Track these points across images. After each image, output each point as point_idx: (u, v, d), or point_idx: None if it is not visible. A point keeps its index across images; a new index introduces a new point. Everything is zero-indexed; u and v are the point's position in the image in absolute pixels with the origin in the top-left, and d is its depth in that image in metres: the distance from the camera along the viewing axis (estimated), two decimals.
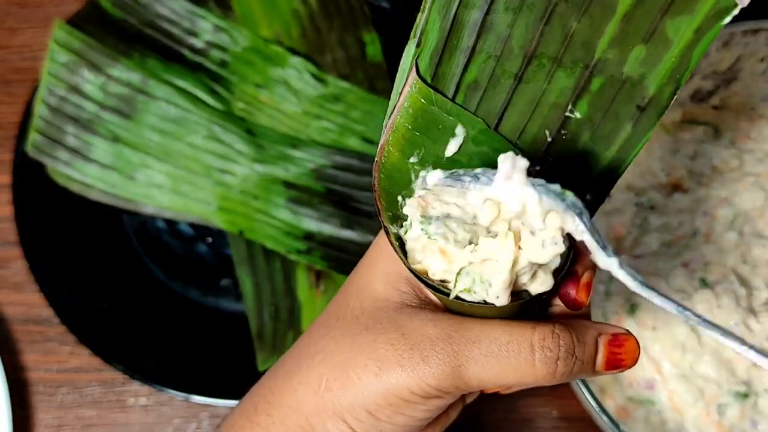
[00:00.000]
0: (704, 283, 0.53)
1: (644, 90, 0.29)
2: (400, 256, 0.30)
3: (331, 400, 0.31)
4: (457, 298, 0.29)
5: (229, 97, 0.61)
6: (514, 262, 0.28)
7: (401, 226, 0.30)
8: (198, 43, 0.62)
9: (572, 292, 0.31)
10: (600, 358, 0.31)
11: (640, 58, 0.29)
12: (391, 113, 0.30)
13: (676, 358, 0.51)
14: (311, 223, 0.58)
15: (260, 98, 0.61)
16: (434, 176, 0.29)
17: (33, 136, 0.58)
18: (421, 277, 0.29)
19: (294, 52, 0.62)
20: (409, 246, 0.30)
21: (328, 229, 0.58)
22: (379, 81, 0.62)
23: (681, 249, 0.55)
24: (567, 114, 0.30)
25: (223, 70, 0.62)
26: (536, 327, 0.30)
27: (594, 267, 0.32)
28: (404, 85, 0.30)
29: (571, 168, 0.31)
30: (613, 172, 0.31)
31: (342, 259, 0.58)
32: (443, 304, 0.32)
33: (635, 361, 0.32)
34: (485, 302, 0.29)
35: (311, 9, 0.63)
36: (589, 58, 0.29)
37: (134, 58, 0.60)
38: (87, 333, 0.57)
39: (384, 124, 0.31)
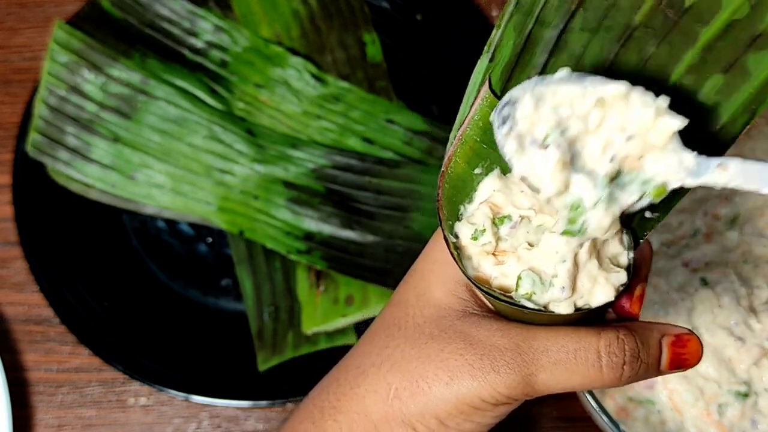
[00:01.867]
0: (705, 283, 0.53)
1: (717, 118, 0.29)
2: (459, 265, 0.30)
3: (401, 408, 0.31)
4: (518, 305, 0.29)
5: (229, 97, 0.61)
6: (576, 255, 0.28)
7: (457, 237, 0.31)
8: (198, 43, 0.62)
9: (626, 304, 0.33)
10: (664, 359, 0.32)
11: (717, 86, 0.29)
12: (461, 125, 0.31)
13: None
14: (311, 223, 0.58)
15: (260, 98, 0.61)
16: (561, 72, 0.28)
17: (33, 136, 0.58)
18: (480, 286, 0.30)
19: (294, 52, 0.62)
20: (468, 253, 0.31)
21: (328, 229, 0.58)
22: (379, 81, 0.62)
23: (681, 248, 0.55)
24: None
25: (223, 70, 0.62)
26: (601, 333, 0.30)
27: (645, 280, 0.33)
28: (475, 98, 0.30)
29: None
30: (675, 192, 0.30)
31: (342, 259, 0.58)
32: (502, 312, 0.32)
33: (699, 359, 0.32)
34: (545, 309, 0.29)
35: (311, 9, 0.63)
36: (663, 83, 0.29)
37: (134, 58, 0.60)
38: (87, 333, 0.57)
39: (452, 135, 0.31)
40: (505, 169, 0.31)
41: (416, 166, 0.59)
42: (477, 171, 0.31)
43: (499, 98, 0.30)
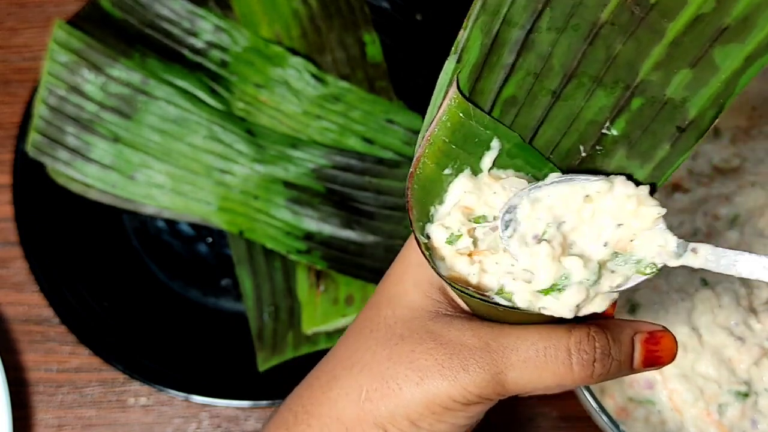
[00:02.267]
0: (705, 283, 0.53)
1: (685, 112, 0.30)
2: (431, 265, 0.30)
3: (372, 411, 0.31)
4: (491, 302, 0.29)
5: (229, 97, 0.61)
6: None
7: (428, 237, 0.31)
8: (198, 43, 0.62)
9: None
10: (637, 357, 0.31)
11: (684, 81, 0.29)
12: (429, 126, 0.31)
13: (676, 357, 0.51)
14: (311, 223, 0.58)
15: (260, 98, 0.61)
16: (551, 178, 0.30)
17: (33, 136, 0.58)
18: (453, 284, 0.30)
19: (294, 52, 0.62)
20: (441, 254, 0.31)
21: (328, 229, 0.58)
22: (379, 81, 0.62)
23: None
24: (603, 131, 0.30)
25: (223, 70, 0.62)
26: (572, 331, 0.30)
27: None
28: (443, 99, 0.31)
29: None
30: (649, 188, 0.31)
31: (342, 259, 0.58)
32: (476, 311, 0.32)
33: (673, 357, 0.32)
34: (518, 307, 0.29)
35: (311, 9, 0.63)
36: (631, 79, 0.29)
37: (134, 58, 0.60)
38: (87, 333, 0.57)
39: (420, 136, 0.31)
40: (476, 170, 0.31)
41: None
42: (447, 171, 0.31)
43: (467, 99, 0.30)
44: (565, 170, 0.31)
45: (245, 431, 0.58)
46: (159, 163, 0.59)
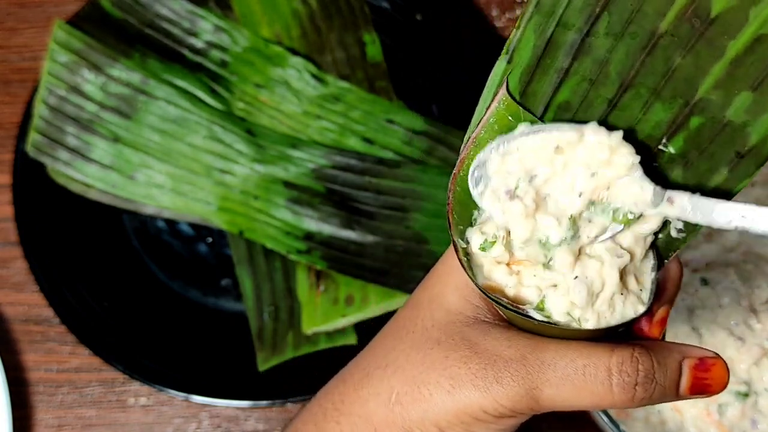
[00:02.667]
0: (705, 283, 0.53)
1: (746, 137, 0.28)
2: (468, 273, 0.30)
3: (401, 414, 0.31)
4: (528, 316, 0.29)
5: (229, 97, 0.61)
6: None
7: (467, 242, 0.30)
8: (198, 43, 0.62)
9: (645, 327, 0.31)
10: (684, 383, 0.30)
11: (745, 104, 0.28)
12: (475, 127, 0.30)
13: None
14: (311, 223, 0.58)
15: (260, 98, 0.61)
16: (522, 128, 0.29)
17: (33, 136, 0.58)
18: (489, 294, 0.29)
19: (294, 52, 0.62)
20: (479, 261, 0.30)
21: (328, 229, 0.58)
22: (379, 81, 0.62)
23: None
24: (660, 147, 0.30)
25: (223, 70, 0.62)
26: (614, 350, 0.29)
27: (671, 302, 0.32)
28: (492, 101, 0.30)
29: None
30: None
31: (342, 259, 0.58)
32: (513, 322, 0.31)
33: (724, 386, 0.30)
34: (556, 322, 0.29)
35: (311, 9, 0.63)
36: (690, 96, 0.28)
37: (134, 58, 0.60)
38: (87, 333, 0.57)
39: (465, 137, 0.30)
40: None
41: (416, 166, 0.59)
42: None
43: (517, 102, 0.29)
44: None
45: (245, 431, 0.58)
46: (159, 163, 0.59)
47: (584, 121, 0.29)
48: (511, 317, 0.31)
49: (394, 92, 0.62)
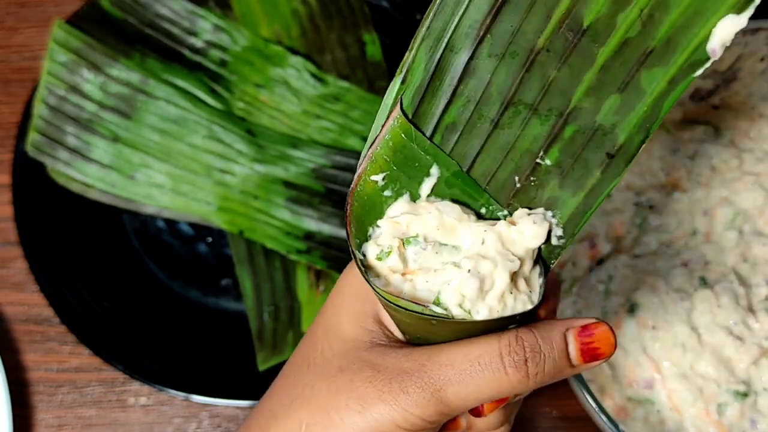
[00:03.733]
0: (704, 282, 0.53)
1: (615, 138, 0.30)
2: (365, 278, 0.30)
3: None
4: (426, 314, 0.30)
5: (229, 97, 0.61)
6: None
7: (364, 255, 0.31)
8: (198, 43, 0.62)
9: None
10: (573, 351, 0.31)
11: (614, 107, 0.29)
12: (371, 144, 0.31)
13: (675, 357, 0.51)
14: (311, 223, 0.58)
15: (260, 98, 0.61)
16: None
17: (33, 136, 0.58)
18: (386, 297, 0.30)
19: (294, 51, 0.62)
20: (377, 272, 0.31)
21: (328, 229, 0.58)
22: (378, 81, 0.62)
23: (680, 248, 0.55)
24: (538, 161, 0.31)
25: (223, 70, 0.62)
26: (501, 336, 0.30)
27: (554, 312, 0.34)
28: (387, 119, 0.31)
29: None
30: (579, 217, 0.31)
31: (342, 259, 0.58)
32: (410, 335, 0.32)
33: (612, 347, 0.32)
34: (452, 317, 0.30)
35: (311, 9, 0.63)
36: (564, 107, 0.30)
37: (134, 58, 0.60)
38: (87, 333, 0.57)
39: (363, 153, 0.31)
40: (415, 196, 0.31)
41: None
42: (387, 193, 0.31)
43: (410, 120, 0.31)
44: (503, 203, 0.32)
45: None
46: (159, 163, 0.59)
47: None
48: (407, 325, 0.32)
49: None
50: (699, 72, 0.28)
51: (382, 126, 0.31)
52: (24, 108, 0.62)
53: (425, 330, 0.31)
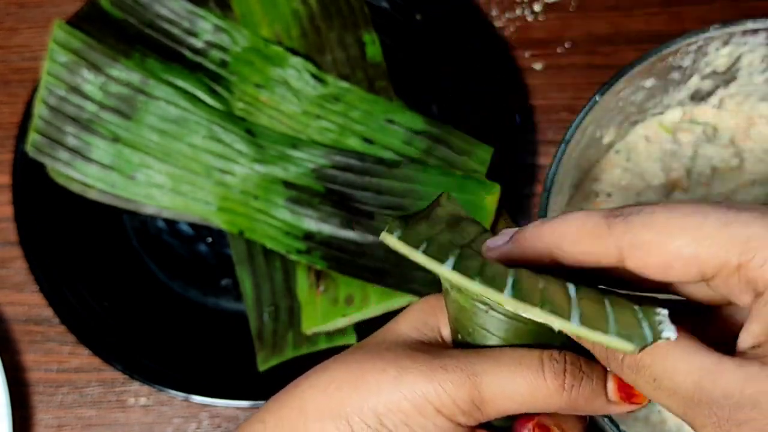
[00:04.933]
0: None
1: None
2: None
3: (340, 399, 0.30)
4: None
5: (229, 97, 0.61)
6: None
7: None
8: (198, 43, 0.62)
9: None
10: (611, 384, 0.31)
11: None
12: None
13: None
14: (311, 223, 0.58)
15: (260, 98, 0.61)
16: None
17: (33, 136, 0.58)
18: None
19: (294, 52, 0.62)
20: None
21: (328, 229, 0.58)
22: (379, 81, 0.62)
23: None
24: None
25: (223, 70, 0.62)
26: (544, 349, 0.31)
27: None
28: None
29: None
30: None
31: (342, 259, 0.58)
32: (457, 331, 0.33)
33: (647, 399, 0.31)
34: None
35: (311, 9, 0.63)
36: None
37: (134, 58, 0.60)
38: (87, 333, 0.57)
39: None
40: None
41: (416, 166, 0.59)
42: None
43: None
44: None
45: None
46: (159, 163, 0.59)
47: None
48: (461, 306, 0.32)
49: (394, 92, 0.62)
50: None
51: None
52: (24, 108, 0.62)
53: (474, 322, 0.31)
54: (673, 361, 0.27)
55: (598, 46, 0.64)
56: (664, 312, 0.28)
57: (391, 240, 0.28)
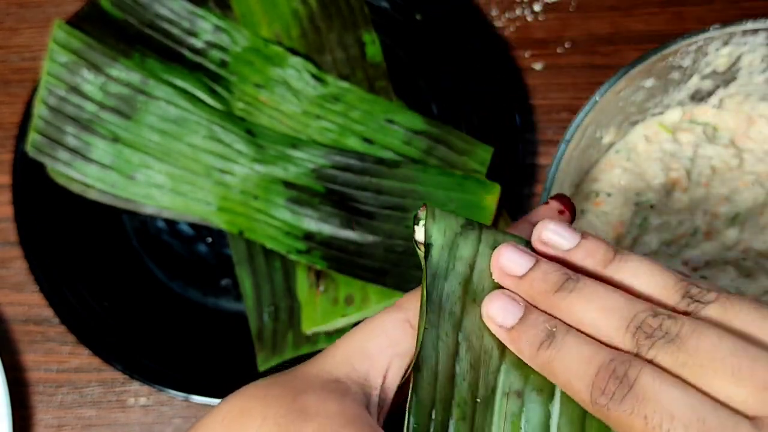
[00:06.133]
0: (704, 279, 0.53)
1: None
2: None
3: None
4: None
5: (229, 97, 0.61)
6: None
7: None
8: (198, 43, 0.62)
9: None
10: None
11: None
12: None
13: None
14: (311, 223, 0.58)
15: (260, 98, 0.61)
16: None
17: (33, 136, 0.58)
18: None
19: (294, 52, 0.62)
20: None
21: (328, 229, 0.58)
22: (378, 81, 0.62)
23: (681, 247, 0.55)
24: None
25: (223, 70, 0.62)
26: None
27: None
28: None
29: None
30: None
31: (342, 259, 0.58)
32: None
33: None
34: None
35: (311, 9, 0.63)
36: None
37: (134, 58, 0.60)
38: (87, 333, 0.57)
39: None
40: None
41: (416, 166, 0.59)
42: None
43: None
44: None
45: None
46: (159, 163, 0.59)
47: None
48: None
49: (394, 92, 0.62)
50: None
51: None
52: (24, 108, 0.62)
53: None
54: None
55: (598, 46, 0.64)
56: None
57: None
